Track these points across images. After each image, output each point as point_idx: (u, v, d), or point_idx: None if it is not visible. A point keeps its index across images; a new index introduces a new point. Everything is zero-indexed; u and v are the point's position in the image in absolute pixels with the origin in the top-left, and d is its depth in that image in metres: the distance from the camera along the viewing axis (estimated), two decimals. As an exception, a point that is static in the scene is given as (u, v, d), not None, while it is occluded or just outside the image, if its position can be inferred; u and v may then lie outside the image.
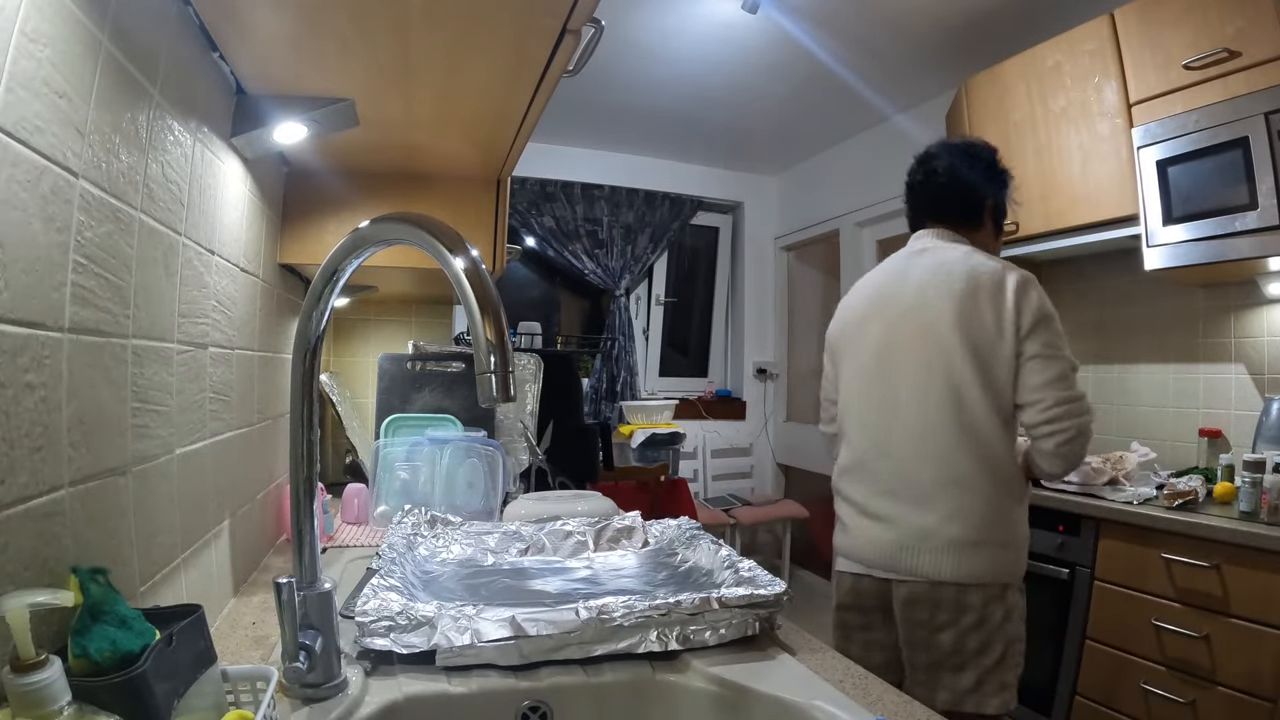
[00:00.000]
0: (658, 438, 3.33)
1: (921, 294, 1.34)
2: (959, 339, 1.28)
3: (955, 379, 1.28)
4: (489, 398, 0.56)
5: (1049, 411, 1.23)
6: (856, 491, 1.41)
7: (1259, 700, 1.44)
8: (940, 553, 1.28)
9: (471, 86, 0.99)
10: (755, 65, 2.82)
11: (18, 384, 0.48)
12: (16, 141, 0.48)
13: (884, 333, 1.39)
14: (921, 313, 1.33)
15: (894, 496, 1.34)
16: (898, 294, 1.39)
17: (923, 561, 1.29)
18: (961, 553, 1.27)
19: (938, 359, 1.30)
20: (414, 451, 1.53)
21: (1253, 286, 1.93)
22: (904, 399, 1.34)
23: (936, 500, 1.28)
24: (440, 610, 0.77)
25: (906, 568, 1.30)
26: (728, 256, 4.39)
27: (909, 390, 1.33)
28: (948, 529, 1.27)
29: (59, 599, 0.45)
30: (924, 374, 1.31)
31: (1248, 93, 1.62)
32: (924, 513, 1.29)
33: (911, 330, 1.35)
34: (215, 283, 0.93)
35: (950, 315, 1.29)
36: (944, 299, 1.31)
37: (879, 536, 1.35)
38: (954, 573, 1.27)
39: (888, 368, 1.37)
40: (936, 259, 1.37)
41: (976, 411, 1.27)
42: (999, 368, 1.27)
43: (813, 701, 0.70)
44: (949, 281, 1.31)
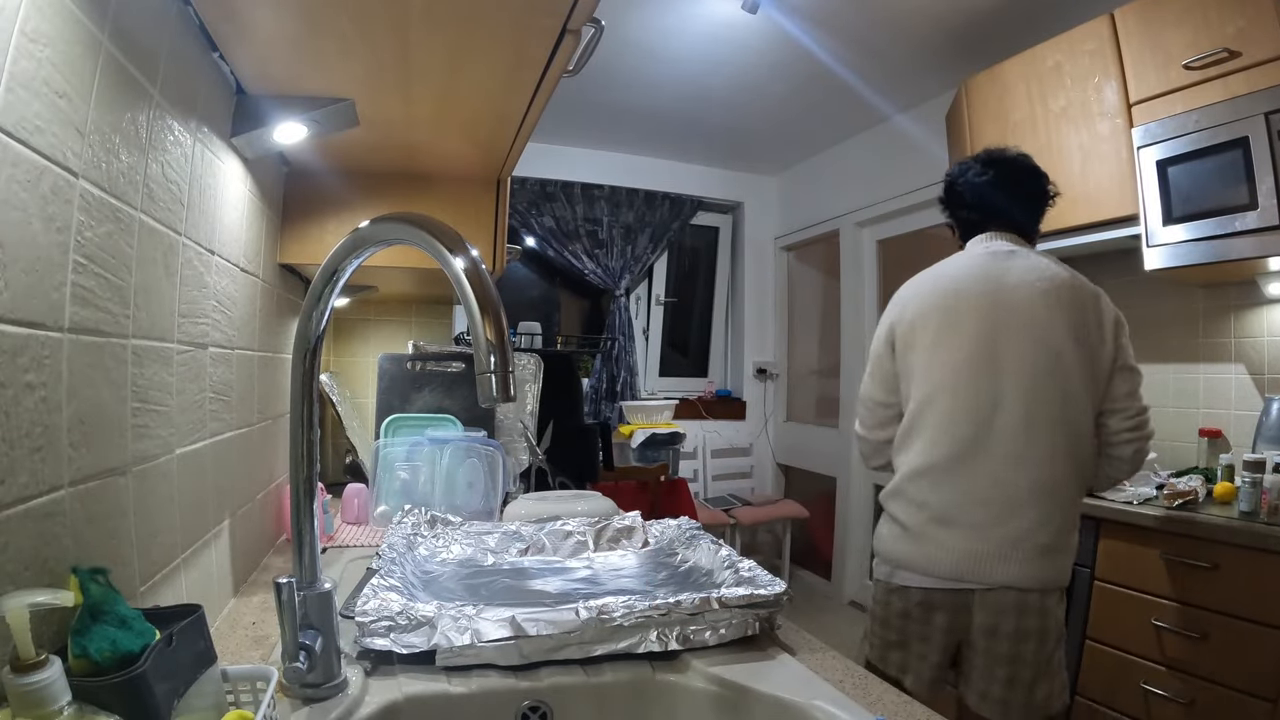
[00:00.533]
0: (658, 438, 3.33)
1: (1027, 295, 1.31)
2: (1072, 344, 1.28)
3: (1066, 381, 1.28)
4: (489, 398, 0.56)
5: (1133, 419, 1.29)
6: (937, 497, 1.32)
7: (1259, 700, 1.44)
8: (1030, 561, 1.25)
9: (471, 86, 0.99)
10: (755, 65, 2.82)
11: (18, 384, 0.48)
12: (16, 141, 0.48)
13: (988, 330, 1.32)
14: (1031, 313, 1.30)
15: (986, 504, 1.28)
16: (998, 291, 1.33)
17: (1011, 570, 1.25)
18: (1048, 559, 1.26)
19: (1047, 360, 1.28)
20: (414, 451, 1.53)
21: (1253, 286, 1.93)
22: (1010, 397, 1.29)
23: (1030, 506, 1.26)
24: (440, 610, 0.77)
25: (993, 577, 1.26)
26: (728, 256, 4.39)
27: (1016, 389, 1.29)
28: (1040, 535, 1.25)
29: (59, 599, 0.45)
30: (1033, 374, 1.28)
31: (1248, 93, 1.62)
32: (1017, 519, 1.26)
33: (1019, 328, 1.30)
34: (215, 283, 0.93)
35: (1062, 319, 1.29)
36: (1052, 302, 1.30)
37: (961, 545, 1.28)
38: (1040, 579, 1.26)
39: (993, 365, 1.31)
40: (1031, 263, 1.35)
41: (1081, 416, 1.29)
42: (1101, 375, 1.30)
43: (813, 701, 0.70)
44: (1054, 287, 1.31)
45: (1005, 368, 1.30)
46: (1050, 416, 1.27)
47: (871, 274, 3.63)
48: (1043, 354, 1.28)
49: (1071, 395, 1.28)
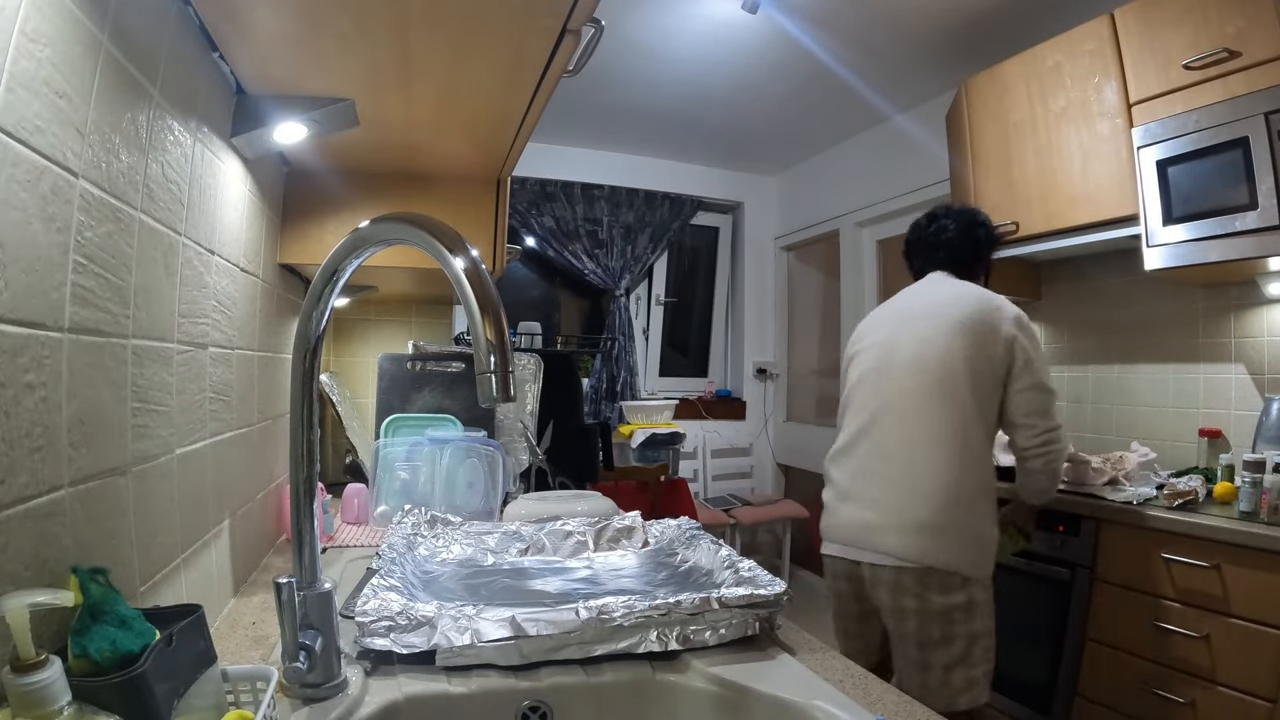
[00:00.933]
0: (658, 438, 3.33)
1: (935, 305, 1.53)
2: (961, 341, 1.44)
3: (950, 372, 1.43)
4: (489, 398, 0.56)
5: (1039, 438, 1.44)
6: (840, 474, 1.56)
7: (1259, 700, 1.44)
8: (906, 534, 1.37)
9: (471, 86, 0.99)
10: (755, 65, 2.82)
11: (18, 384, 0.48)
12: (16, 141, 0.48)
13: (890, 333, 1.56)
14: (931, 319, 1.51)
15: (874, 478, 1.46)
16: (910, 307, 1.59)
17: (890, 541, 1.39)
18: (926, 536, 1.36)
19: (935, 351, 1.45)
20: (414, 451, 1.53)
21: (1253, 286, 1.93)
22: (902, 388, 1.48)
23: (911, 481, 1.40)
24: (440, 610, 0.77)
25: (876, 546, 1.42)
26: (728, 256, 4.39)
27: (907, 380, 1.48)
28: (919, 511, 1.37)
29: (59, 599, 0.45)
30: (921, 362, 1.47)
31: (1248, 93, 1.62)
32: (899, 493, 1.40)
33: (916, 329, 1.51)
34: (215, 283, 0.93)
35: (956, 321, 1.46)
36: (954, 309, 1.49)
37: (856, 517, 1.47)
38: (916, 554, 1.36)
39: (888, 356, 1.53)
40: (951, 287, 1.58)
41: (967, 410, 1.41)
42: (990, 377, 1.44)
43: (813, 701, 0.70)
44: (960, 300, 1.52)
45: (897, 359, 1.51)
46: (936, 408, 1.43)
47: (871, 274, 3.63)
48: (934, 348, 1.46)
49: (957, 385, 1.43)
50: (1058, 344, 2.53)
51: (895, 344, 1.54)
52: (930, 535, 1.36)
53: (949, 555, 1.36)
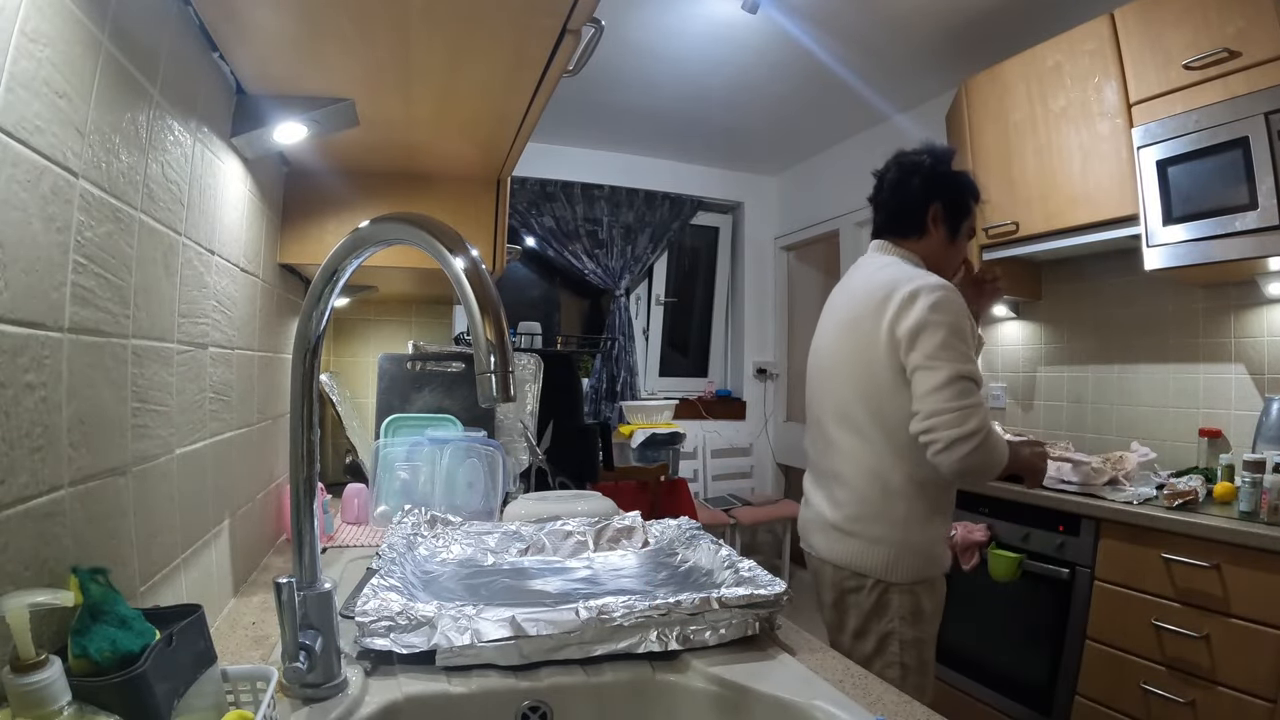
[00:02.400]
0: (658, 438, 3.33)
1: (846, 299, 1.46)
2: (848, 348, 1.38)
3: (842, 382, 1.39)
4: (489, 398, 0.56)
5: (923, 423, 1.24)
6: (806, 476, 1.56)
7: (1259, 700, 1.44)
8: (821, 533, 1.42)
9: (471, 86, 0.99)
10: (755, 65, 2.82)
11: (18, 384, 0.48)
12: (16, 141, 0.48)
13: (818, 340, 1.52)
14: (842, 314, 1.45)
15: (813, 481, 1.49)
16: (833, 300, 1.52)
17: (814, 539, 1.44)
18: (833, 537, 1.38)
19: (835, 364, 1.42)
20: (414, 451, 1.53)
21: (1253, 286, 1.93)
22: (818, 397, 1.47)
23: (826, 486, 1.43)
24: (440, 610, 0.77)
25: (807, 542, 1.47)
26: (728, 256, 4.39)
27: (820, 390, 1.47)
28: (829, 513, 1.40)
29: (59, 599, 0.45)
30: (827, 376, 1.44)
31: (1248, 93, 1.62)
32: (819, 495, 1.44)
33: (829, 338, 1.46)
34: (215, 283, 0.92)
35: (847, 325, 1.40)
36: (849, 309, 1.42)
37: (802, 514, 1.52)
38: (829, 554, 1.39)
39: (815, 370, 1.50)
40: (861, 273, 1.46)
41: (857, 416, 1.36)
42: (877, 377, 1.32)
43: (813, 701, 0.70)
44: (853, 294, 1.42)
45: (823, 363, 1.47)
46: (837, 415, 1.39)
47: (871, 274, 3.62)
48: (835, 360, 1.42)
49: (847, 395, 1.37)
50: (1058, 344, 2.54)
51: (816, 349, 1.50)
52: (836, 537, 1.38)
53: (854, 557, 1.35)
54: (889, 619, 1.34)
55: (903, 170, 1.50)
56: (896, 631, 1.34)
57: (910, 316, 1.27)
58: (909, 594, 1.33)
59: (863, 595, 1.36)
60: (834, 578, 1.39)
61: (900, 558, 1.33)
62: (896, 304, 1.29)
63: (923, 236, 1.44)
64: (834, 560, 1.38)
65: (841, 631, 1.40)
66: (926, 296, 1.28)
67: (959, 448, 1.21)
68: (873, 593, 1.35)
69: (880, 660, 1.35)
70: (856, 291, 1.42)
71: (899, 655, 1.34)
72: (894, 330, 1.28)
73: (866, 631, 1.36)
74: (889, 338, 1.29)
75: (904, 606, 1.33)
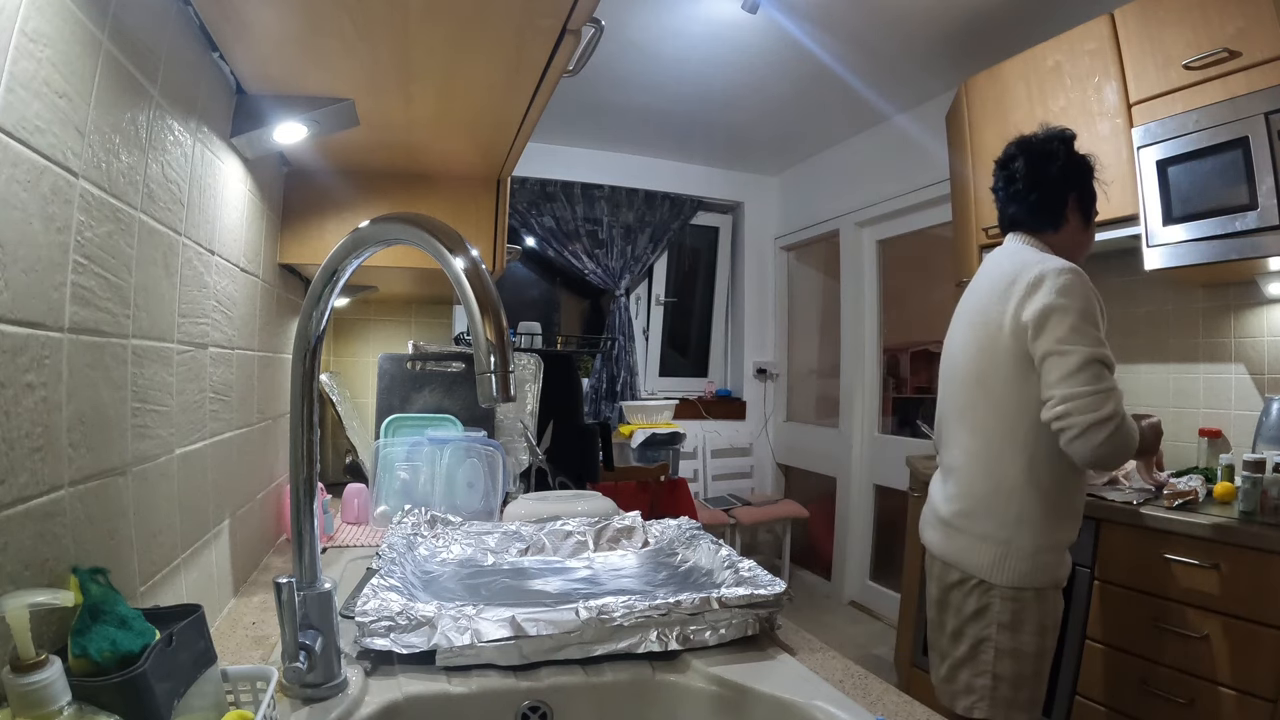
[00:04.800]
0: (658, 438, 3.33)
1: (977, 286, 1.44)
2: (974, 339, 1.37)
3: (965, 375, 1.38)
4: (489, 398, 0.56)
5: (1056, 408, 1.21)
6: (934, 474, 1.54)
7: (1259, 700, 1.44)
8: (933, 528, 1.41)
9: (471, 86, 0.99)
10: (755, 65, 2.82)
11: (18, 384, 0.48)
12: (16, 141, 0.48)
13: (948, 336, 1.51)
14: (972, 303, 1.43)
15: (935, 477, 1.48)
16: (964, 300, 1.49)
17: (927, 534, 1.43)
18: (943, 532, 1.37)
19: (962, 358, 1.40)
20: (414, 451, 1.53)
21: (1253, 286, 1.93)
22: (945, 392, 1.47)
23: (945, 481, 1.41)
24: (440, 610, 0.77)
25: (923, 537, 1.46)
26: (728, 256, 4.39)
27: (947, 385, 1.47)
28: (942, 508, 1.38)
29: (59, 599, 0.45)
30: (953, 371, 1.43)
31: (1248, 93, 1.62)
32: (937, 490, 1.43)
33: (963, 317, 1.45)
34: (215, 283, 0.93)
35: (975, 315, 1.38)
36: (976, 299, 1.40)
37: (923, 510, 1.50)
38: (938, 549, 1.38)
39: (949, 354, 1.48)
40: (993, 263, 1.42)
41: (979, 407, 1.34)
42: (1000, 366, 1.29)
43: (813, 701, 0.70)
44: (980, 285, 1.43)
45: (953, 356, 1.45)
46: (961, 408, 1.39)
47: (872, 274, 3.63)
48: (963, 352, 1.40)
49: (972, 390, 1.35)
50: (1058, 344, 2.53)
51: (946, 345, 1.48)
52: (948, 533, 1.37)
53: (963, 554, 1.33)
54: (987, 623, 1.30)
55: (1036, 159, 1.40)
56: (993, 638, 1.29)
57: (1036, 301, 1.24)
58: (1012, 600, 1.27)
59: (964, 595, 1.32)
60: (940, 574, 1.38)
61: (1006, 559, 1.28)
62: (1022, 289, 1.26)
63: (1060, 228, 1.39)
64: (942, 556, 1.37)
65: (941, 632, 1.38)
66: (1054, 280, 1.24)
67: (1095, 433, 1.17)
68: (974, 593, 1.31)
69: (972, 667, 1.32)
70: (983, 282, 1.40)
71: (992, 664, 1.29)
72: (1019, 315, 1.25)
73: (963, 634, 1.33)
74: (1014, 323, 1.26)
75: (1005, 612, 1.28)
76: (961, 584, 1.33)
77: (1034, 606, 1.29)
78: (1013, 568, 1.27)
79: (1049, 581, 1.30)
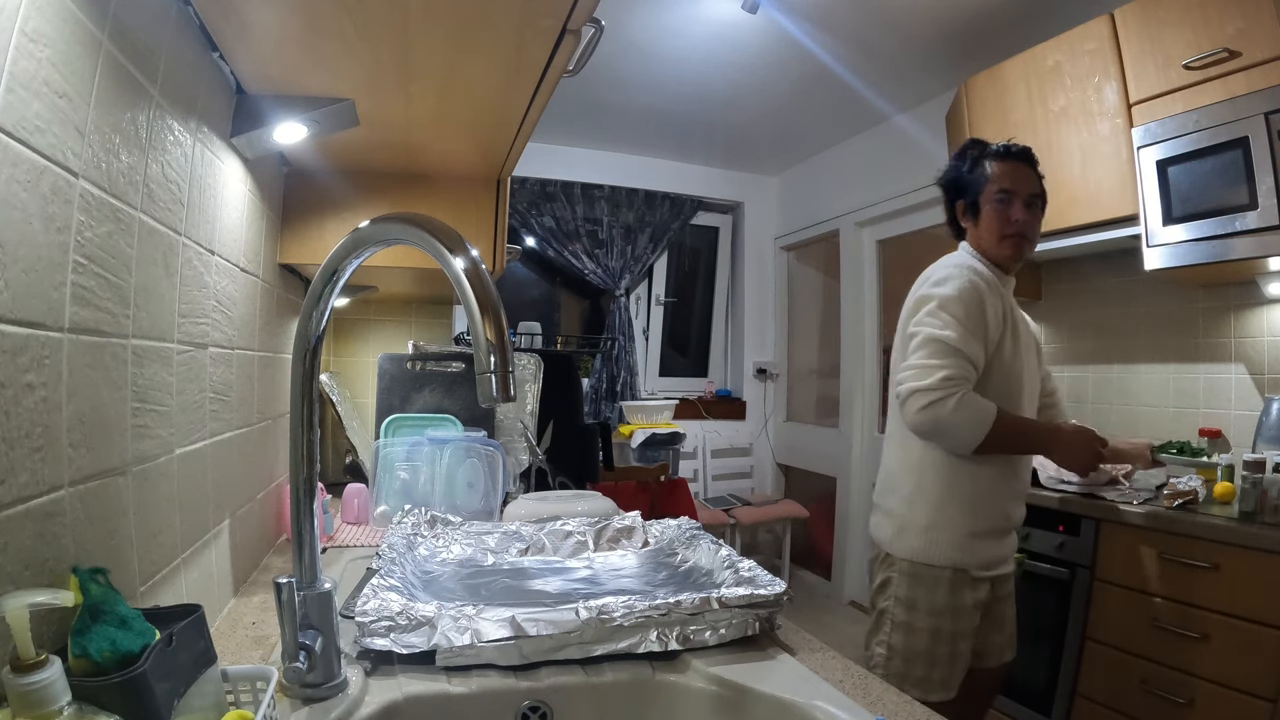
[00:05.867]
0: (658, 438, 3.33)
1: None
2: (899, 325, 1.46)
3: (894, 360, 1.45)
4: (489, 398, 0.56)
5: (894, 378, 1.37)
6: None
7: (1259, 700, 1.44)
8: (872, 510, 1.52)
9: (471, 86, 0.99)
10: (755, 65, 2.82)
11: (18, 384, 0.48)
12: (16, 141, 0.48)
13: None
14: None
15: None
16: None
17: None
18: (874, 513, 1.48)
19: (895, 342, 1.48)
20: (414, 451, 1.53)
21: (1253, 286, 1.93)
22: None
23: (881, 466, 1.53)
24: (440, 610, 0.77)
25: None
26: (728, 256, 4.39)
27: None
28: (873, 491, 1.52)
29: (59, 599, 0.45)
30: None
31: (1247, 93, 1.62)
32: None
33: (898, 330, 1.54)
34: (215, 283, 0.93)
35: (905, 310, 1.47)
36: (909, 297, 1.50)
37: None
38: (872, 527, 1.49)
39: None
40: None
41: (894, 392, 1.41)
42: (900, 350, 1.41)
43: (813, 701, 0.70)
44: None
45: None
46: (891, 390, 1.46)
47: (872, 274, 3.63)
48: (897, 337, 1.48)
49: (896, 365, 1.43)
50: (1058, 344, 2.54)
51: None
52: (875, 513, 1.48)
53: (875, 528, 1.46)
54: (888, 595, 1.40)
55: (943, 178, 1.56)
56: (890, 610, 1.39)
57: (919, 290, 1.38)
58: (909, 575, 1.36)
59: (876, 566, 1.44)
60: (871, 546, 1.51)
61: (902, 532, 1.37)
62: (918, 282, 1.42)
63: (964, 234, 1.51)
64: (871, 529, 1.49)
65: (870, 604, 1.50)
66: (937, 272, 1.38)
67: (913, 401, 1.28)
68: (882, 566, 1.42)
69: (875, 635, 1.43)
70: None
71: (889, 636, 1.39)
72: (908, 306, 1.40)
73: (874, 604, 1.45)
74: (906, 315, 1.40)
75: (902, 586, 1.37)
76: (875, 557, 1.45)
77: (929, 585, 1.34)
78: (907, 542, 1.37)
79: (946, 562, 1.34)
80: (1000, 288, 1.39)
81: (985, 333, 1.31)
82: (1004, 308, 1.36)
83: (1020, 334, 1.41)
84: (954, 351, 1.28)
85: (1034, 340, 1.50)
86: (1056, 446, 1.34)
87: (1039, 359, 1.53)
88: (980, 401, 1.27)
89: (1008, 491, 1.39)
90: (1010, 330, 1.37)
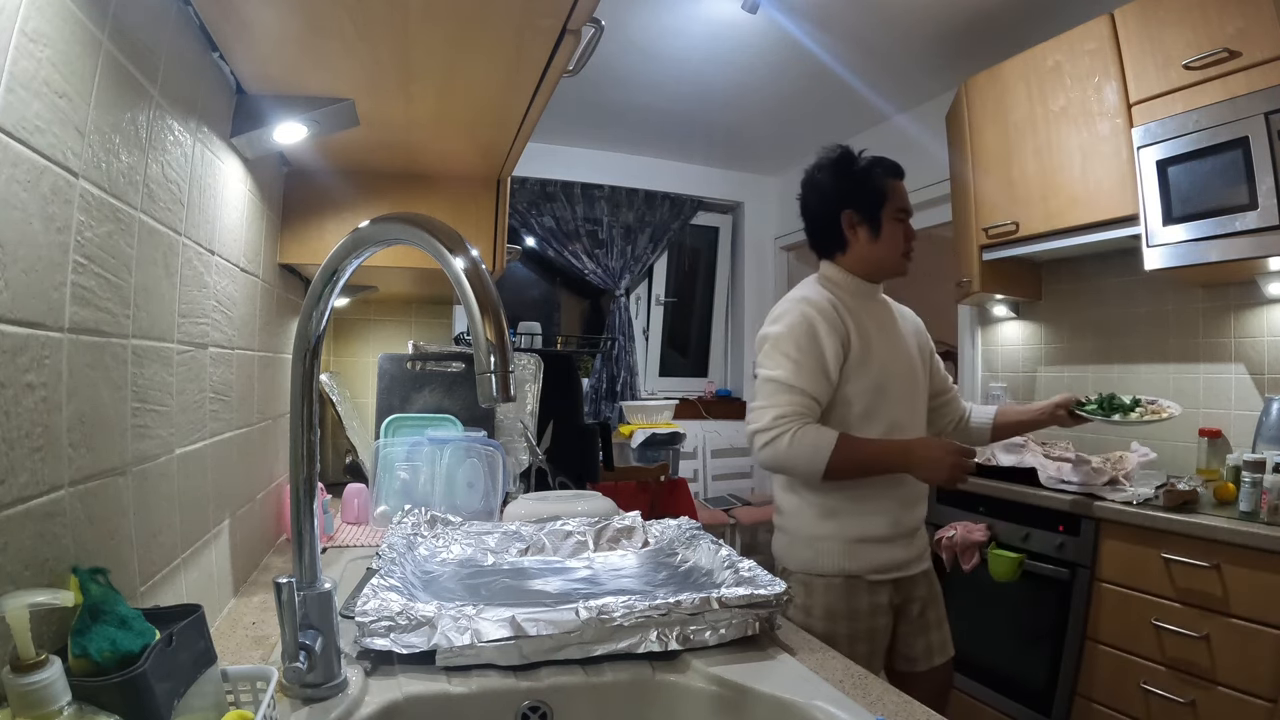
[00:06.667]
0: (658, 438, 3.33)
1: None
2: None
3: None
4: (489, 398, 0.56)
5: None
6: None
7: (1259, 700, 1.44)
8: None
9: (471, 86, 0.99)
10: (755, 65, 2.82)
11: (18, 384, 0.48)
12: (16, 141, 0.48)
13: None
14: None
15: None
16: None
17: None
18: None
19: None
20: (414, 451, 1.53)
21: (1253, 286, 1.93)
22: None
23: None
24: (440, 610, 0.77)
25: None
26: (728, 256, 4.39)
27: None
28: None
29: (59, 599, 0.45)
30: None
31: (1248, 93, 1.62)
32: None
33: None
34: (215, 283, 0.93)
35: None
36: None
37: None
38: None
39: None
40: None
41: None
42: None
43: (813, 701, 0.70)
44: None
45: None
46: None
47: (871, 274, 3.62)
48: None
49: None
50: (1058, 344, 2.54)
51: None
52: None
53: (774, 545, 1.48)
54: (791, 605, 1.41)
55: (806, 191, 1.51)
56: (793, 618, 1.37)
57: (761, 329, 1.41)
58: (801, 585, 1.38)
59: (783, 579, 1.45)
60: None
61: (791, 545, 1.41)
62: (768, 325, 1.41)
63: (848, 248, 1.45)
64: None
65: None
66: (775, 309, 1.41)
67: (755, 441, 1.33)
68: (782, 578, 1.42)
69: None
70: None
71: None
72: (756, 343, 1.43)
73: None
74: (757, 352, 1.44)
75: (799, 594, 1.38)
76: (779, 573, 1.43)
77: (823, 592, 1.36)
78: (797, 554, 1.40)
79: (834, 570, 1.35)
80: (862, 299, 1.42)
81: (823, 361, 1.32)
82: (853, 324, 1.36)
83: (886, 340, 1.40)
84: (786, 389, 1.31)
85: (914, 338, 1.48)
86: (910, 462, 1.32)
87: (926, 357, 1.51)
88: (816, 433, 1.28)
89: (893, 498, 1.37)
90: (866, 343, 1.36)
